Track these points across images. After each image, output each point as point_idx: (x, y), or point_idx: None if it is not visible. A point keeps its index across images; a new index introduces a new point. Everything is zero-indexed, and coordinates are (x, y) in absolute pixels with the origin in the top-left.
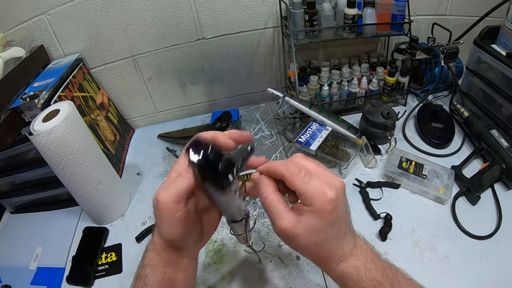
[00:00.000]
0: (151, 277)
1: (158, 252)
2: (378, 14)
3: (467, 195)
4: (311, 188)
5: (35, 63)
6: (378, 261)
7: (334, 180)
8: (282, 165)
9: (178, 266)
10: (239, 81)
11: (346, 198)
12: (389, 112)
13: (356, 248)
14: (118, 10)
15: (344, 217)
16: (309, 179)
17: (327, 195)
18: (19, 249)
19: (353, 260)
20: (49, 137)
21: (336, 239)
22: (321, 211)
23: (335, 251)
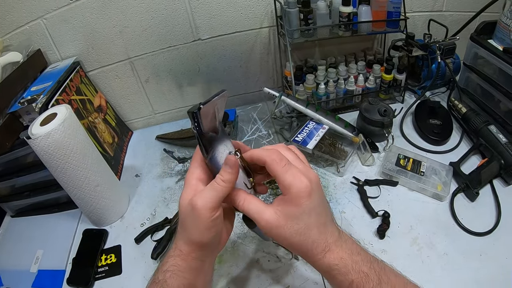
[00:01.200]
0: (170, 282)
1: (182, 258)
2: (374, 11)
3: (466, 191)
4: (289, 177)
5: (32, 67)
6: (364, 254)
7: (309, 172)
8: (265, 151)
9: (200, 271)
10: (236, 81)
11: (323, 192)
12: (386, 110)
13: (341, 240)
14: (114, 13)
15: (322, 207)
16: (288, 168)
17: (303, 183)
18: (20, 252)
19: (338, 251)
20: (46, 140)
21: (317, 228)
22: (297, 198)
23: (318, 240)
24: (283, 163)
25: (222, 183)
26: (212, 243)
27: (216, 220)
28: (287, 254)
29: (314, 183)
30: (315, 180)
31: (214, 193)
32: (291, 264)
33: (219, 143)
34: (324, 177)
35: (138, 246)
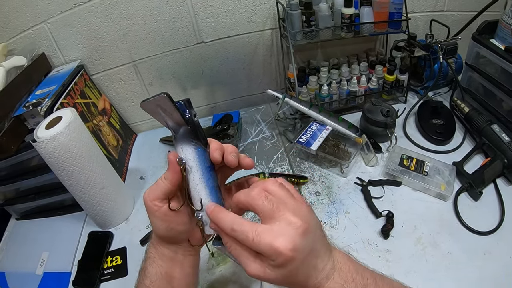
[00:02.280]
0: (150, 269)
1: (154, 246)
2: (375, 12)
3: (469, 191)
4: (263, 248)
5: (36, 71)
6: (360, 279)
7: (290, 228)
8: (228, 228)
9: (174, 262)
10: (239, 84)
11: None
12: (389, 110)
13: (333, 271)
14: (117, 17)
15: (311, 255)
16: (259, 239)
17: (282, 253)
18: (26, 255)
19: (330, 283)
20: (52, 143)
21: (306, 276)
22: (283, 263)
23: (308, 282)
24: (250, 237)
25: (163, 179)
26: (171, 235)
27: (162, 215)
28: None
29: (296, 239)
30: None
31: (157, 187)
32: None
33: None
34: (328, 178)
35: (144, 248)
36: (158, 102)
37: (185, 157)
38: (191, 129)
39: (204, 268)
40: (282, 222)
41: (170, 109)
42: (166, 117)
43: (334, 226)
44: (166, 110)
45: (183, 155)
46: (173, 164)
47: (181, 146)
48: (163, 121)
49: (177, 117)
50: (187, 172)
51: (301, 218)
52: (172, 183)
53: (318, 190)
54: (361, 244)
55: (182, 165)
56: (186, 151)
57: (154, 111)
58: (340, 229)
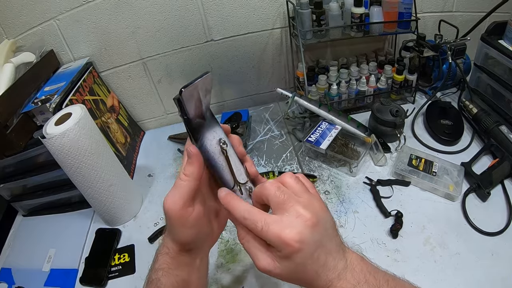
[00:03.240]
0: (164, 280)
1: (171, 256)
2: (385, 12)
3: (477, 191)
4: (271, 238)
5: (45, 68)
6: (373, 279)
7: (298, 220)
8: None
9: (191, 267)
10: (248, 82)
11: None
12: (398, 110)
13: (346, 270)
14: (126, 14)
15: (320, 250)
16: (267, 229)
17: (289, 243)
18: (32, 251)
19: (342, 283)
20: (62, 140)
21: (316, 271)
22: (289, 256)
23: (318, 280)
24: (259, 226)
25: (185, 178)
26: (197, 241)
27: (194, 220)
28: None
29: (304, 231)
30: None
31: (179, 191)
32: None
33: (207, 130)
34: (337, 177)
35: (152, 246)
36: (205, 82)
37: (221, 137)
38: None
39: (213, 267)
40: (292, 214)
41: (209, 88)
42: (202, 100)
43: (343, 225)
44: (207, 91)
45: (217, 136)
46: (198, 156)
47: (213, 129)
48: (195, 107)
49: (209, 97)
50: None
51: (311, 212)
52: (198, 178)
53: (327, 189)
54: (370, 243)
55: (224, 145)
56: (219, 132)
57: (193, 96)
58: (349, 229)
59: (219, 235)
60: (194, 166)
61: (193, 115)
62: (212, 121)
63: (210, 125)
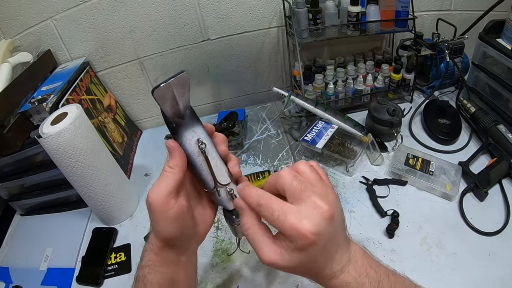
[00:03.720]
0: (150, 278)
1: (155, 253)
2: (382, 11)
3: (475, 191)
4: (287, 229)
5: (42, 68)
6: (374, 273)
7: (316, 212)
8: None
9: (177, 265)
10: (245, 81)
11: (335, 219)
12: (395, 109)
13: (349, 263)
14: (123, 14)
15: (332, 243)
16: (284, 218)
17: (306, 235)
18: (30, 251)
19: (344, 276)
20: (57, 139)
21: (323, 264)
22: (303, 248)
23: (323, 272)
24: (276, 215)
25: (169, 169)
26: (180, 238)
27: (175, 215)
28: None
29: (321, 224)
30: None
31: (163, 183)
32: None
33: (186, 129)
34: (333, 176)
35: None
36: (180, 81)
37: (199, 137)
38: (192, 109)
39: (208, 266)
40: (309, 205)
41: (186, 88)
42: (178, 99)
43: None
44: (183, 90)
45: (196, 136)
46: (178, 149)
47: (192, 128)
48: (171, 106)
49: (188, 96)
50: (206, 152)
51: (327, 203)
52: (182, 170)
53: None
54: (366, 243)
55: (202, 145)
56: (198, 131)
57: (167, 96)
58: None
59: (205, 234)
60: (175, 158)
61: (170, 114)
62: (192, 121)
63: (189, 125)
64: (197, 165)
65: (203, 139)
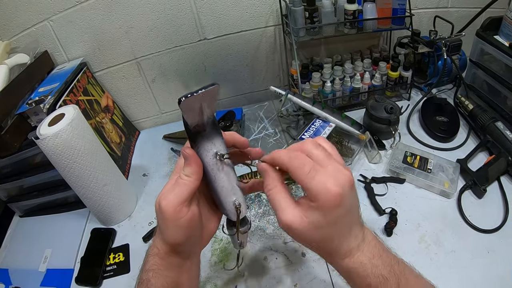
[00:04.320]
0: (154, 281)
1: (161, 257)
2: (379, 8)
3: (473, 188)
4: (315, 185)
5: (39, 69)
6: (386, 257)
7: (341, 175)
8: (286, 156)
9: (182, 269)
10: (242, 80)
11: (355, 192)
12: (393, 107)
13: (363, 243)
14: (119, 14)
15: (351, 213)
16: (314, 174)
17: (332, 192)
18: (29, 252)
19: (359, 255)
20: (55, 140)
21: (342, 235)
22: (326, 207)
23: (341, 246)
24: (307, 169)
25: (185, 177)
26: (187, 244)
27: (187, 221)
28: (294, 253)
29: (345, 188)
30: (347, 183)
31: (178, 190)
32: (299, 262)
33: (206, 140)
34: None
35: (146, 245)
36: (210, 93)
37: (218, 150)
38: (215, 120)
39: (207, 265)
40: (335, 169)
41: (214, 100)
42: (204, 111)
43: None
44: (211, 102)
45: (215, 149)
46: (195, 157)
47: (213, 140)
48: (195, 117)
49: (214, 109)
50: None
51: (350, 173)
52: (198, 179)
53: None
54: None
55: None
56: (217, 143)
57: (194, 107)
58: None
59: (210, 239)
60: (192, 167)
61: (192, 124)
62: (213, 132)
63: (209, 136)
64: (210, 176)
65: (221, 151)
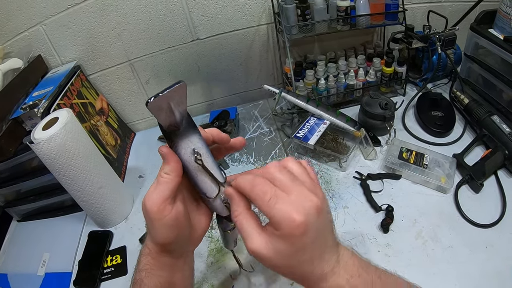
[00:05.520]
0: (147, 281)
1: (152, 257)
2: (372, 4)
3: (470, 183)
4: (277, 213)
5: (33, 73)
6: (366, 274)
7: (306, 201)
8: (247, 184)
9: (174, 268)
10: (236, 80)
11: (324, 216)
12: (387, 103)
13: (339, 265)
14: (112, 16)
15: (320, 239)
16: (274, 203)
17: (295, 221)
18: (27, 256)
19: (335, 278)
20: (49, 144)
21: (311, 262)
22: (290, 236)
23: (312, 272)
24: (267, 198)
25: (164, 175)
26: (177, 242)
27: (172, 219)
28: None
29: (310, 215)
30: (312, 211)
31: (159, 189)
32: None
33: (182, 138)
34: (326, 172)
35: None
36: (177, 92)
37: (195, 147)
38: (190, 117)
39: (203, 266)
40: (300, 195)
41: (183, 98)
42: (175, 110)
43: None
44: (180, 101)
45: (192, 146)
46: (172, 155)
47: (189, 137)
48: (166, 117)
49: (184, 107)
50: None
51: (317, 198)
52: (178, 175)
53: None
54: (361, 238)
55: (197, 155)
56: (194, 140)
57: (162, 107)
58: (339, 224)
59: (202, 237)
60: (170, 164)
61: (165, 124)
62: (188, 130)
63: (185, 134)
64: (191, 174)
65: (199, 148)
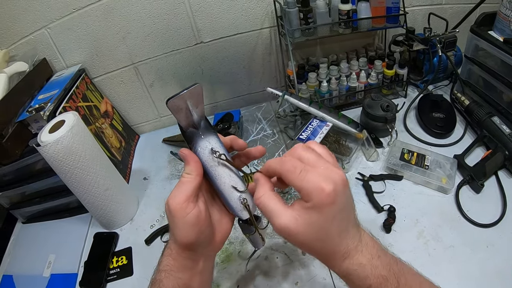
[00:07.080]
0: (166, 282)
1: (173, 258)
2: (373, 7)
3: (471, 183)
4: (307, 185)
5: (38, 76)
6: (384, 257)
7: (333, 173)
8: (278, 163)
9: (193, 271)
10: (240, 82)
11: (349, 191)
12: (389, 105)
13: (361, 244)
14: (116, 20)
15: (346, 212)
16: (305, 174)
17: (325, 190)
18: (33, 258)
19: (358, 256)
20: (56, 147)
21: (339, 235)
22: (320, 205)
23: (339, 247)
24: (298, 171)
25: (186, 175)
26: (200, 242)
27: (195, 218)
28: (294, 251)
29: (338, 185)
30: (340, 181)
31: (182, 188)
32: (299, 260)
33: (200, 139)
34: None
35: (149, 248)
36: (193, 93)
37: (213, 146)
38: (207, 120)
39: None
40: (326, 169)
41: (199, 99)
42: (192, 110)
43: None
44: (197, 102)
45: (210, 146)
46: (192, 155)
47: (207, 138)
48: (185, 117)
49: (202, 108)
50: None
51: (341, 171)
52: (199, 174)
53: None
54: None
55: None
56: (212, 141)
57: (180, 107)
58: None
59: (223, 241)
60: (191, 164)
61: (184, 124)
62: (207, 130)
63: (203, 134)
64: (211, 174)
65: (217, 148)
